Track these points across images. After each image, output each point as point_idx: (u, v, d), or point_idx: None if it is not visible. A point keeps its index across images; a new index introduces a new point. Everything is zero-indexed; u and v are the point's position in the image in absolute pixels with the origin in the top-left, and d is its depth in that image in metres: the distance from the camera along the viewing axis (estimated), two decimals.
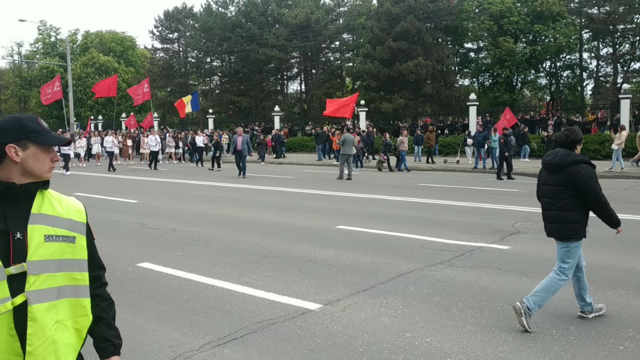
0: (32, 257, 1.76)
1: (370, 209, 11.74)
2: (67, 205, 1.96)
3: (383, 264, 7.10)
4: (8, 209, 1.79)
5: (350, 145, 18.83)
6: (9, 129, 1.82)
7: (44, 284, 1.78)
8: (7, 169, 1.81)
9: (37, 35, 60.37)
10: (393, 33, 36.02)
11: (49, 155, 1.89)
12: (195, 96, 33.21)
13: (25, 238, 1.76)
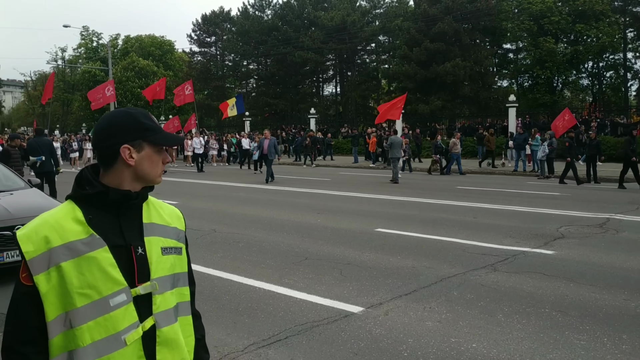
0: (155, 274, 1.58)
1: (409, 212, 11.65)
2: (170, 212, 1.77)
3: (424, 268, 7.03)
4: (123, 221, 1.58)
5: (399, 147, 18.54)
6: (123, 126, 1.59)
7: (166, 304, 1.60)
8: (118, 173, 1.59)
9: (80, 40, 61.94)
10: (430, 34, 35.71)
11: (161, 157, 1.67)
12: (240, 99, 33.36)
13: (145, 253, 1.58)
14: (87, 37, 61.64)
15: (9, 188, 8.13)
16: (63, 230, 1.50)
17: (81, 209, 1.55)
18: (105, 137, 1.59)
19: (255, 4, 52.47)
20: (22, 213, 7.03)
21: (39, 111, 67.35)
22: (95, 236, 1.51)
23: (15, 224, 6.61)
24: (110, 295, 1.49)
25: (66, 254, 1.49)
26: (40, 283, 1.48)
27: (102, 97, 33.35)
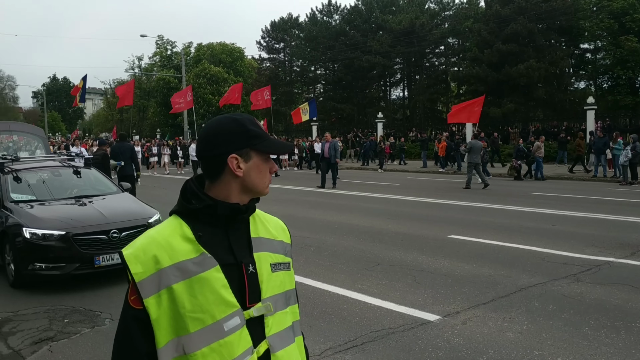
0: (266, 293, 1.46)
1: (483, 219, 11.32)
2: (275, 224, 1.64)
3: (502, 277, 6.81)
4: (232, 236, 1.47)
5: (478, 152, 17.84)
6: (230, 135, 1.46)
7: (279, 325, 1.48)
8: (225, 185, 1.48)
9: (155, 49, 64.62)
10: (502, 35, 34.69)
11: (269, 166, 1.53)
12: (313, 103, 33.58)
13: (256, 270, 1.47)
14: (161, 45, 64.17)
15: (101, 192, 8.30)
16: (172, 249, 1.40)
17: (188, 224, 1.43)
18: (211, 146, 1.47)
19: (323, 9, 52.89)
20: (116, 217, 7.15)
21: (117, 117, 70.74)
22: (206, 255, 1.40)
23: (110, 228, 6.86)
24: (224, 318, 1.38)
25: (177, 275, 1.38)
26: (151, 307, 1.37)
27: (183, 102, 34.23)
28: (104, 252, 6.72)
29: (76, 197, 7.86)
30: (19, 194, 7.68)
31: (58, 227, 6.68)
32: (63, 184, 8.30)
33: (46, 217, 6.93)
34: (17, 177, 7.90)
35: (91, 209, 7.32)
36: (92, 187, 8.49)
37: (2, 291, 6.90)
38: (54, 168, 8.63)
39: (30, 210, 7.16)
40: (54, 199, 7.69)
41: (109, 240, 6.79)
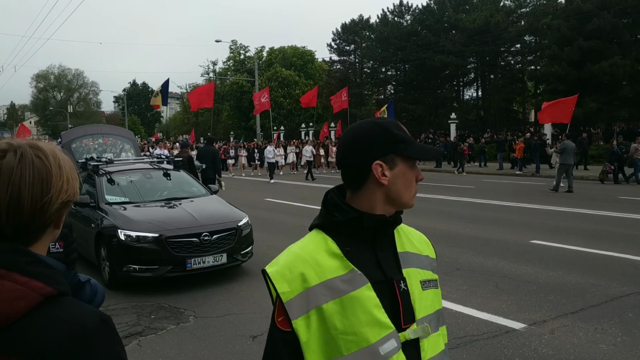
0: (419, 313, 1.35)
1: (567, 224, 10.83)
2: (418, 237, 1.52)
3: (590, 285, 6.48)
4: (379, 251, 1.36)
5: (571, 153, 16.93)
6: (374, 140, 1.35)
7: (435, 349, 1.37)
8: (369, 195, 1.36)
9: (229, 54, 66.48)
10: (584, 32, 33.06)
11: (415, 173, 1.40)
12: (391, 106, 33.37)
13: (407, 288, 1.35)
14: (235, 50, 65.93)
15: (191, 195, 8.37)
16: (319, 266, 1.30)
17: (333, 239, 1.34)
18: (355, 153, 1.36)
19: (395, 10, 52.46)
20: (207, 220, 7.17)
21: (193, 120, 73.29)
22: (356, 272, 1.30)
23: (201, 231, 6.88)
24: (379, 341, 1.27)
25: (326, 294, 1.28)
26: (300, 329, 1.28)
27: (259, 104, 34.85)
28: (196, 255, 6.76)
29: (167, 200, 7.97)
30: (113, 196, 7.84)
31: (151, 229, 6.77)
32: (154, 186, 8.43)
33: (139, 219, 7.03)
34: (110, 180, 8.08)
35: (182, 212, 7.37)
36: (182, 190, 8.58)
37: None
38: (145, 170, 8.77)
39: (123, 212, 7.29)
40: (146, 201, 7.83)
41: (200, 243, 6.82)
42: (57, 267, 1.06)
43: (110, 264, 6.95)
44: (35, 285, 0.99)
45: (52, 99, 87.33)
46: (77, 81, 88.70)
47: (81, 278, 1.14)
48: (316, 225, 1.40)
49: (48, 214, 1.07)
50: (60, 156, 1.12)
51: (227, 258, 7.03)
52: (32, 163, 1.05)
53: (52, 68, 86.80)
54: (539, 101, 41.10)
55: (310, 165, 25.24)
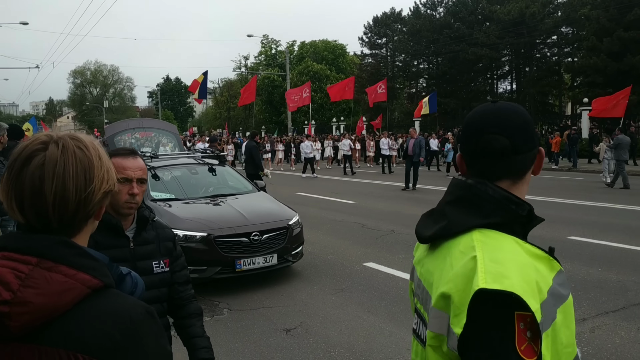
0: None
1: (605, 219, 10.54)
2: None
3: (633, 283, 6.29)
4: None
5: (626, 148, 16.16)
6: (532, 125, 1.29)
7: None
8: (525, 184, 1.29)
9: (260, 48, 66.76)
10: (624, 22, 32.09)
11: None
12: (434, 97, 32.66)
13: None
14: (266, 45, 66.17)
15: (238, 191, 8.03)
16: (539, 271, 1.13)
17: (516, 237, 1.19)
18: (530, 137, 1.26)
19: (427, 2, 51.86)
20: (257, 218, 6.82)
21: (225, 115, 73.97)
22: (562, 272, 1.19)
23: (251, 230, 6.53)
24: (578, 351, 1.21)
25: (554, 304, 1.14)
26: (544, 350, 1.08)
27: (299, 98, 33.89)
28: (245, 256, 6.44)
29: (213, 196, 7.63)
30: (158, 192, 7.50)
31: (199, 228, 6.43)
32: (199, 182, 8.10)
33: (187, 217, 6.68)
34: (155, 175, 7.66)
35: (230, 209, 7.04)
36: (228, 186, 8.27)
37: None
38: (190, 165, 8.39)
39: (170, 209, 6.95)
40: (191, 197, 7.50)
41: (250, 243, 6.50)
42: (102, 260, 1.07)
43: None
44: (83, 277, 1.00)
45: (89, 95, 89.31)
46: (113, 77, 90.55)
47: (123, 270, 1.15)
48: (486, 225, 1.20)
49: (92, 204, 1.07)
50: (99, 147, 1.12)
51: (277, 259, 6.68)
52: (74, 154, 1.06)
53: (89, 64, 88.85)
54: (576, 94, 40.22)
55: (349, 160, 24.73)
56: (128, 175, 2.11)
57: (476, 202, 1.22)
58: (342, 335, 5.06)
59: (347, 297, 6.20)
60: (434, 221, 1.29)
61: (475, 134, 1.26)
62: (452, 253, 1.20)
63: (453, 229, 1.22)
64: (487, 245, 1.15)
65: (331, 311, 5.74)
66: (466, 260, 1.14)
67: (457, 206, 1.25)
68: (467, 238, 1.19)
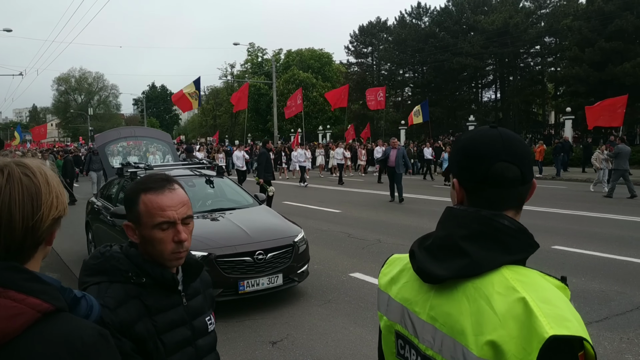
0: None
1: (590, 229, 10.66)
2: None
3: (615, 293, 6.36)
4: None
5: (626, 158, 15.94)
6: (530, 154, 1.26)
7: None
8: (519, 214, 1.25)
9: (247, 56, 66.83)
10: (605, 33, 32.64)
11: None
12: (426, 106, 32.62)
13: None
14: (253, 53, 66.24)
15: (238, 205, 7.53)
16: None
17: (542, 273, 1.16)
18: (530, 168, 1.23)
19: (412, 12, 52.30)
20: (260, 235, 6.32)
21: (210, 123, 73.75)
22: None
23: (255, 248, 6.03)
24: None
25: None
26: None
27: (294, 106, 33.83)
28: (249, 276, 5.94)
29: (211, 211, 7.13)
30: None
31: (198, 246, 5.75)
32: (196, 194, 7.47)
33: None
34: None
35: (232, 226, 6.52)
36: (227, 199, 7.76)
37: None
38: (187, 177, 7.76)
39: None
40: None
41: (254, 262, 6.00)
42: (53, 283, 1.06)
43: None
44: (33, 302, 0.99)
45: (73, 102, 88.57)
46: (98, 84, 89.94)
47: (77, 294, 1.14)
48: (513, 261, 1.15)
49: (40, 231, 1.07)
50: (47, 172, 1.11)
51: (282, 279, 6.19)
52: (20, 182, 1.05)
53: (73, 71, 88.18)
54: (559, 103, 40.73)
55: (341, 169, 24.73)
56: (169, 217, 1.57)
57: (500, 237, 1.15)
58: (329, 347, 5.05)
59: (333, 309, 6.19)
60: (448, 258, 1.18)
61: (484, 161, 1.19)
62: (484, 295, 1.11)
63: (481, 268, 1.14)
64: (526, 285, 1.09)
65: (318, 323, 5.72)
66: (511, 302, 1.06)
67: (477, 242, 1.16)
68: (498, 277, 1.12)
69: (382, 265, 1.46)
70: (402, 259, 1.39)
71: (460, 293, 1.15)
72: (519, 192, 1.21)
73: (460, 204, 1.26)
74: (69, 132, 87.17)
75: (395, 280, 1.36)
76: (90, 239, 8.87)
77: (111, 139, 10.34)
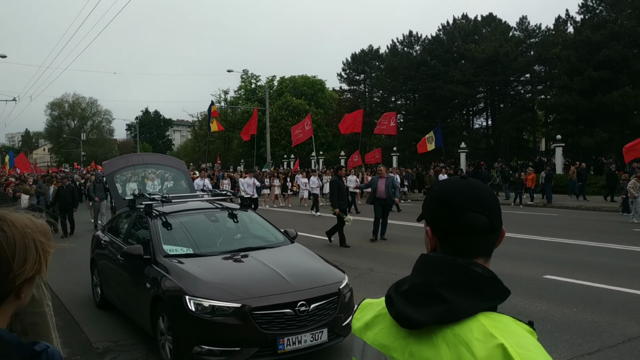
0: None
1: (581, 257, 10.67)
2: None
3: (607, 324, 6.34)
4: None
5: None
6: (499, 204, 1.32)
7: None
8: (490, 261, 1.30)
9: (240, 83, 67.29)
10: (594, 62, 33.17)
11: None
12: (439, 131, 32.48)
13: None
14: (246, 79, 66.76)
15: (267, 243, 6.57)
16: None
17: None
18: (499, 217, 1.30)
19: (404, 40, 53.02)
20: (301, 282, 5.35)
21: (204, 148, 73.82)
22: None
23: (297, 298, 5.07)
24: None
25: None
26: None
27: (302, 132, 33.03)
28: (289, 332, 4.96)
29: (238, 250, 6.18)
30: (171, 246, 6.10)
31: (230, 296, 4.97)
32: (219, 230, 6.72)
33: (213, 281, 5.24)
34: (166, 223, 6.37)
35: (266, 270, 5.55)
36: (253, 235, 6.89)
37: (105, 319, 7.24)
38: (208, 211, 7.04)
39: (189, 268, 5.51)
40: (213, 252, 6.12)
41: (295, 315, 5.02)
42: (7, 339, 1.04)
43: (174, 342, 5.09)
44: None
45: (66, 127, 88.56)
46: (91, 109, 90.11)
47: (37, 347, 1.11)
48: (489, 308, 1.19)
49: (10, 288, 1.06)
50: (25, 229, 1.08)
51: (327, 334, 5.19)
52: None
53: (67, 96, 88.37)
54: (550, 130, 41.16)
55: (354, 197, 22.25)
56: None
57: (475, 285, 1.19)
58: None
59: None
60: (427, 304, 1.20)
61: (455, 211, 1.25)
62: (463, 341, 1.13)
63: (459, 314, 1.16)
64: (503, 331, 1.12)
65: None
66: (491, 348, 1.09)
67: (454, 289, 1.19)
68: (476, 324, 1.15)
69: (354, 311, 1.46)
70: (376, 304, 1.39)
71: (440, 339, 1.16)
72: (489, 241, 1.26)
73: (433, 250, 1.31)
74: (62, 157, 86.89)
75: (370, 325, 1.36)
76: (96, 280, 7.94)
77: (119, 167, 9.44)
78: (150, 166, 10.19)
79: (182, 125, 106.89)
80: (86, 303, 8.15)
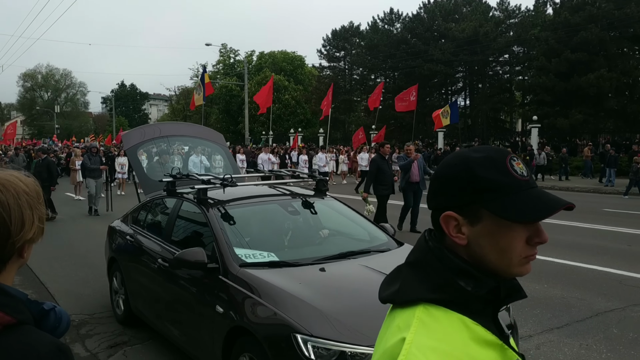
0: None
1: (552, 236, 10.80)
2: None
3: (576, 300, 6.53)
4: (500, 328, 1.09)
5: None
6: (453, 181, 1.06)
7: None
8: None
9: (219, 57, 66.38)
10: (571, 44, 33.51)
11: (516, 234, 1.06)
12: (455, 107, 30.85)
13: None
14: (225, 54, 65.85)
15: (370, 245, 4.67)
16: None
17: (471, 318, 1.01)
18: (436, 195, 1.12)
19: (385, 17, 52.79)
20: None
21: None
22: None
23: None
24: None
25: None
26: None
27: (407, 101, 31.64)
28: None
29: (340, 256, 4.27)
30: (244, 249, 4.22)
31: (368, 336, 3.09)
32: (300, 226, 5.00)
33: (331, 309, 3.40)
34: (227, 215, 4.53)
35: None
36: (341, 233, 5.04)
37: (78, 293, 7.22)
38: (281, 200, 5.11)
39: (286, 287, 3.66)
40: (306, 259, 4.19)
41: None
42: (17, 296, 1.05)
43: None
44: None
45: (39, 99, 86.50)
46: (65, 81, 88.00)
47: (45, 306, 1.13)
48: (432, 300, 1.02)
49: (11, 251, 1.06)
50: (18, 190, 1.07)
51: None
52: None
53: (40, 67, 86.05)
54: (526, 111, 41.63)
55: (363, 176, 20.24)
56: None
57: (427, 273, 1.06)
58: None
59: None
60: (392, 282, 1.12)
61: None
62: (391, 325, 1.05)
63: (402, 297, 1.06)
64: (423, 328, 0.98)
65: None
66: (397, 340, 0.99)
67: (412, 270, 1.09)
68: (410, 311, 1.03)
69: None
70: None
71: (390, 318, 1.10)
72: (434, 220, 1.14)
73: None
74: (35, 130, 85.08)
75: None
76: (118, 287, 6.02)
77: (137, 142, 7.09)
78: (172, 139, 7.72)
79: (158, 99, 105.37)
80: (62, 277, 8.11)
